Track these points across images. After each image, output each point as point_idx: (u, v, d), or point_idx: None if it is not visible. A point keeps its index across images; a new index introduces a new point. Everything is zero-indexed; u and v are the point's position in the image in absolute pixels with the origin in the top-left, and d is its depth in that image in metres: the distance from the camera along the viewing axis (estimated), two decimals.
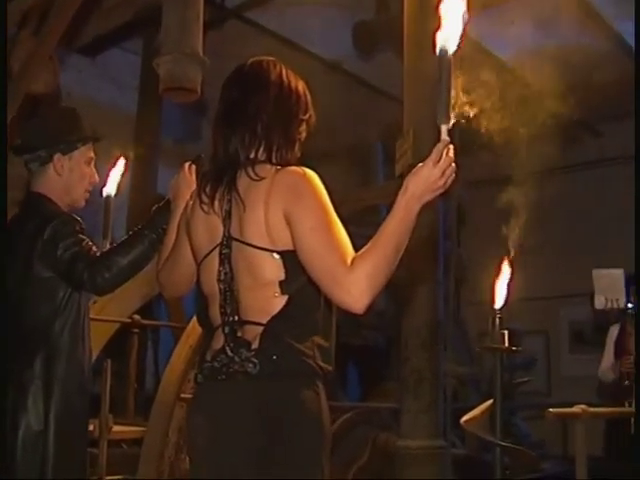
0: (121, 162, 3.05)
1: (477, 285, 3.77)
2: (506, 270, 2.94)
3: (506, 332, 2.84)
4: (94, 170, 2.93)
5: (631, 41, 7.02)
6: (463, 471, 5.68)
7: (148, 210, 2.77)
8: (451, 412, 5.29)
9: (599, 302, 4.56)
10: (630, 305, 4.69)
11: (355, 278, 1.75)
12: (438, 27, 1.72)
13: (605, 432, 5.54)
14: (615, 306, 4.59)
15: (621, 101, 7.31)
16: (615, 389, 4.84)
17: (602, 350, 5.61)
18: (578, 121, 8.07)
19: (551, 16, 6.01)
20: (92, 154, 2.92)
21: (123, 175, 3.04)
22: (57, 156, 2.83)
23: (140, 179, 6.93)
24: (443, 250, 5.01)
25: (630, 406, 4.30)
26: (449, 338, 5.33)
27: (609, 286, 4.54)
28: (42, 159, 2.84)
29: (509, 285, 2.89)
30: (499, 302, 2.85)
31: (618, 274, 4.58)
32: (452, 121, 1.71)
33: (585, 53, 6.62)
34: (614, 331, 5.06)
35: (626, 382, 4.63)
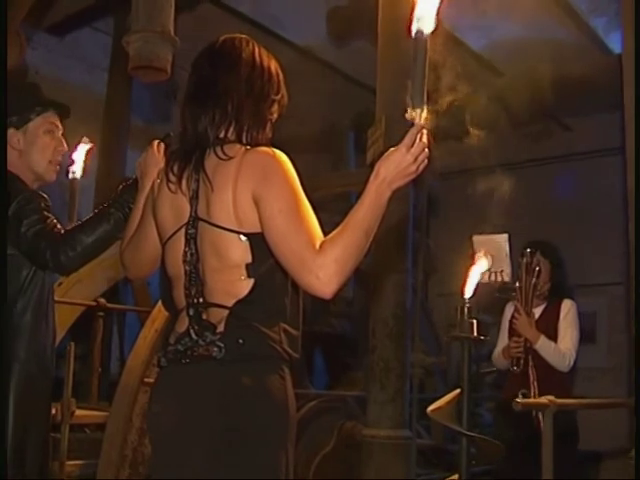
0: (85, 145, 2.99)
1: (446, 276, 3.73)
2: (482, 261, 2.91)
3: (475, 321, 2.83)
4: (60, 139, 2.84)
5: (604, 36, 7.06)
6: (428, 461, 5.70)
7: (115, 192, 2.71)
8: (417, 402, 5.29)
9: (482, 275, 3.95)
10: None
11: (323, 262, 1.71)
12: (413, 8, 1.67)
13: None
14: (499, 279, 3.99)
15: (592, 96, 7.36)
16: (511, 377, 4.10)
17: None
18: (548, 114, 8.11)
19: (524, 8, 6.02)
20: (52, 123, 2.82)
21: (88, 158, 2.98)
22: (10, 132, 2.75)
23: (108, 161, 6.84)
24: (412, 240, 4.99)
25: (523, 397, 3.79)
26: (417, 328, 5.32)
27: (492, 255, 3.71)
28: None
29: (481, 276, 2.87)
30: (469, 292, 2.83)
31: (501, 240, 3.90)
32: (426, 105, 1.67)
33: (557, 46, 6.64)
34: (509, 310, 4.26)
35: (514, 368, 4.05)
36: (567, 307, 4.22)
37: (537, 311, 4.23)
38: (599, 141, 8.01)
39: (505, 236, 3.88)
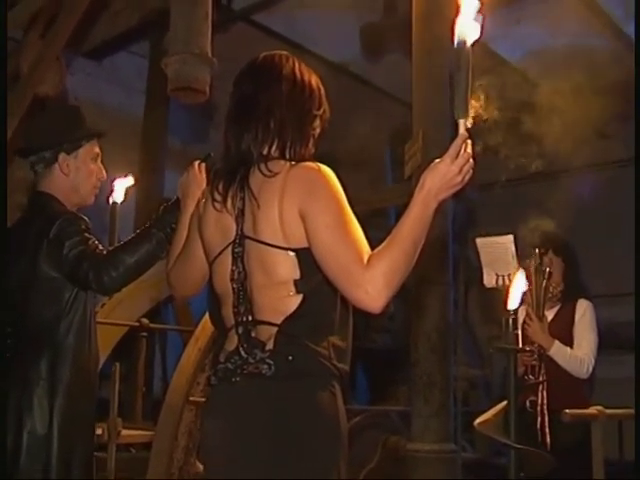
0: (130, 179, 3.06)
1: (485, 288, 3.68)
2: (522, 275, 2.87)
3: (519, 332, 2.79)
4: (101, 166, 2.90)
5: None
6: (473, 475, 5.64)
7: (157, 212, 2.74)
8: (461, 416, 5.25)
9: (488, 279, 3.67)
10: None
11: (372, 276, 1.71)
12: (456, 18, 1.67)
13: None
14: (508, 283, 3.50)
15: (628, 102, 7.28)
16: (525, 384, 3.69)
17: (620, 353, 5.09)
18: (585, 122, 8.04)
19: (558, 16, 5.99)
20: (97, 150, 2.89)
21: (129, 191, 3.05)
22: (62, 156, 2.80)
23: (147, 182, 6.90)
24: (452, 253, 4.96)
25: (531, 406, 3.59)
26: (459, 341, 5.28)
27: (497, 258, 3.64)
28: (47, 160, 2.80)
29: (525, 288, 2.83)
30: (513, 303, 2.80)
31: (506, 242, 3.65)
32: (471, 115, 1.67)
33: (593, 53, 6.59)
34: (522, 315, 3.79)
35: (530, 377, 3.67)
36: (583, 308, 3.95)
37: (550, 314, 3.96)
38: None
39: (510, 237, 3.66)
